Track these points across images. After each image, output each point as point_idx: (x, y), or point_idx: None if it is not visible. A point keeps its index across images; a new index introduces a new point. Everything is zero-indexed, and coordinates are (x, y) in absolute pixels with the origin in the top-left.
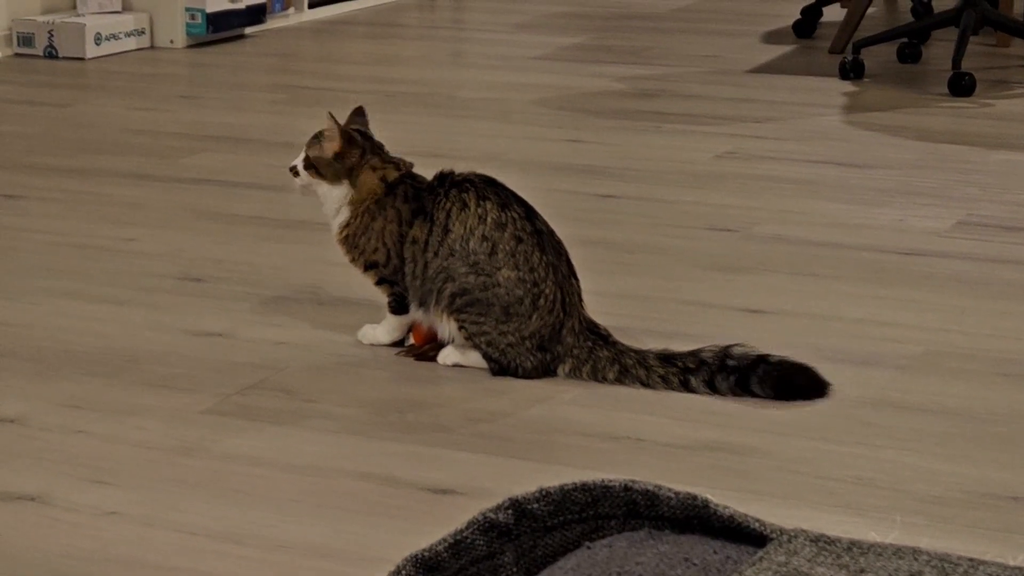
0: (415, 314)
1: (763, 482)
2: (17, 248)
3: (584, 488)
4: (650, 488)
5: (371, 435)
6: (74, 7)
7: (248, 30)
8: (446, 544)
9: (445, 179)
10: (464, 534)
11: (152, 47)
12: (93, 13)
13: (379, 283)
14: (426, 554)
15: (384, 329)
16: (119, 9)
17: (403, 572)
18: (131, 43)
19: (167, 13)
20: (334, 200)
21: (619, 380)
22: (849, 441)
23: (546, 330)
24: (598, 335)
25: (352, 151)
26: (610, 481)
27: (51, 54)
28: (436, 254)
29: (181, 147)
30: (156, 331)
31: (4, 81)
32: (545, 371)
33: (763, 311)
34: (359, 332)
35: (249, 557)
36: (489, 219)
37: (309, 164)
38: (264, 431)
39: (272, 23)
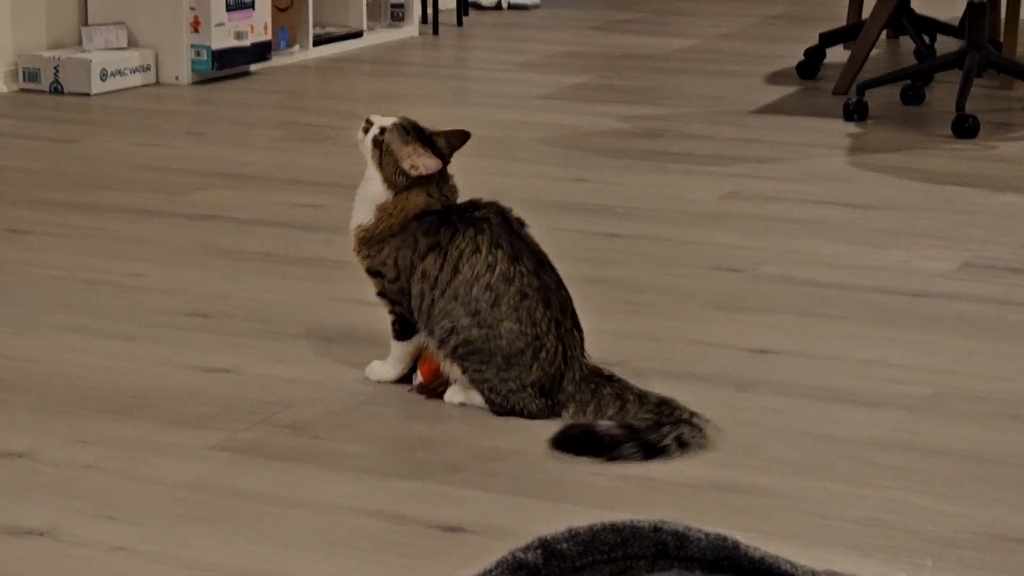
0: (421, 340)
1: (772, 522)
2: (24, 283)
3: (613, 528)
4: (680, 528)
5: (380, 472)
6: (80, 43)
7: (253, 67)
8: None
9: (465, 213)
10: (493, 573)
11: (157, 83)
12: (99, 49)
13: (379, 295)
14: None
15: (390, 361)
16: (125, 45)
17: None
18: (137, 79)
19: (173, 49)
20: (370, 194)
21: (620, 415)
22: (857, 482)
23: (547, 380)
24: (601, 377)
25: (426, 180)
26: (639, 521)
27: (57, 90)
28: (443, 293)
29: (187, 183)
30: (164, 367)
31: (10, 116)
32: (549, 414)
33: (770, 351)
34: (367, 368)
35: None
36: (498, 270)
37: (381, 144)
38: (272, 468)
39: (277, 60)
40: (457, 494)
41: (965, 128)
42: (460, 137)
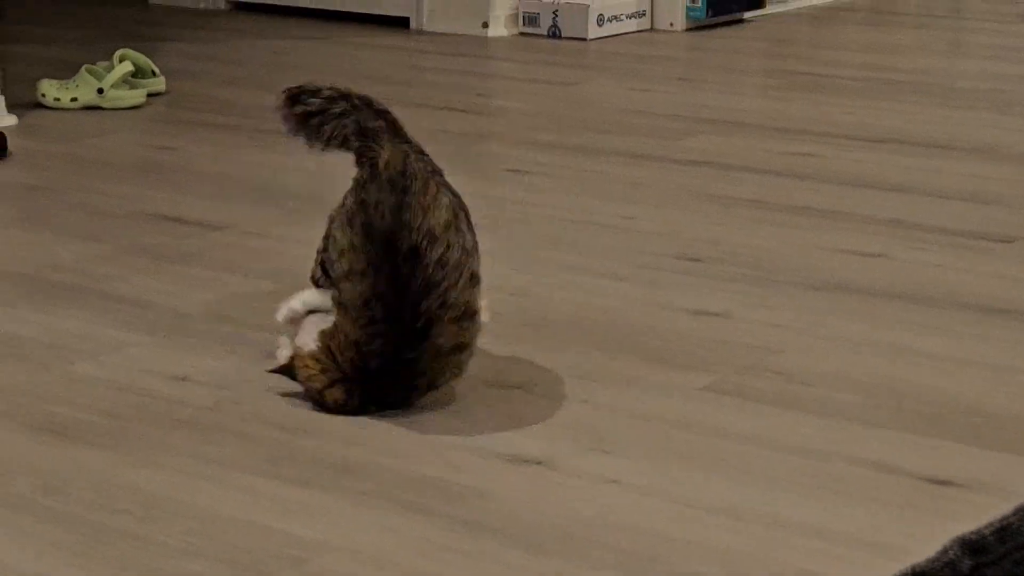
0: None
1: None
2: (524, 221)
3: None
4: None
5: (867, 421)
6: None
7: (747, 15)
8: (992, 528)
9: None
10: (1008, 520)
11: (652, 29)
12: None
13: None
14: (972, 536)
15: None
16: None
17: (950, 552)
18: (632, 25)
19: None
20: None
21: None
22: None
23: None
24: None
25: None
26: None
27: (555, 34)
28: None
29: (679, 128)
30: (656, 308)
31: (510, 59)
32: None
33: None
34: None
35: (744, 531)
36: None
37: None
38: (760, 411)
39: (770, 8)
40: (946, 447)
41: None
42: None
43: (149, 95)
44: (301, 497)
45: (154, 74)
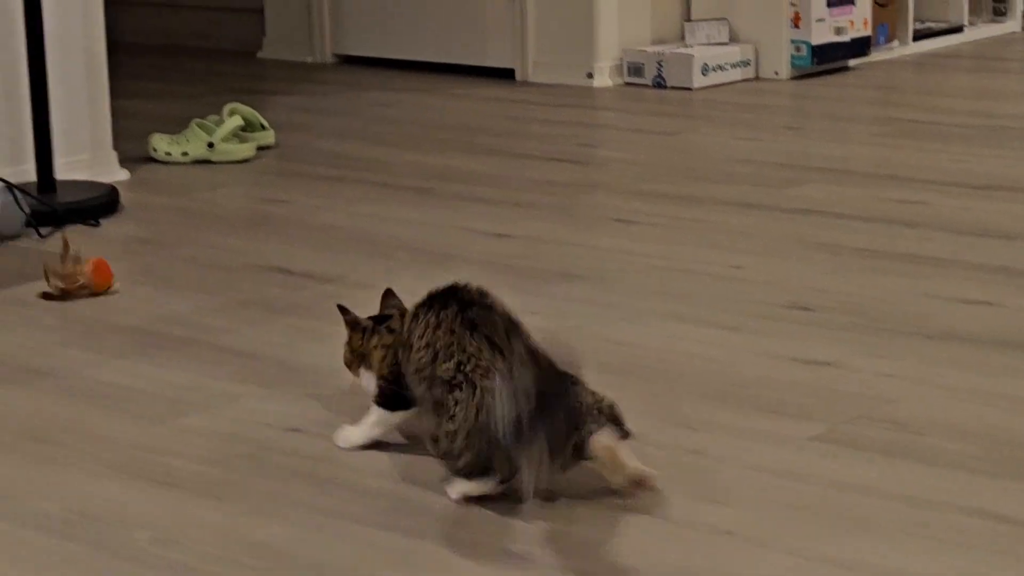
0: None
1: None
2: (630, 271)
3: None
4: None
5: (982, 471)
6: (682, 38)
7: (852, 62)
8: None
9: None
10: None
11: (757, 78)
12: (701, 44)
13: None
14: None
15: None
16: (726, 41)
17: None
18: (736, 74)
19: (773, 45)
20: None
21: None
22: None
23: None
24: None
25: (356, 336)
26: None
27: (659, 84)
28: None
29: (786, 177)
30: (765, 357)
31: (615, 109)
32: None
33: None
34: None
35: None
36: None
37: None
38: (873, 461)
39: (876, 55)
40: None
41: None
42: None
43: (259, 148)
44: (417, 548)
45: (263, 127)
